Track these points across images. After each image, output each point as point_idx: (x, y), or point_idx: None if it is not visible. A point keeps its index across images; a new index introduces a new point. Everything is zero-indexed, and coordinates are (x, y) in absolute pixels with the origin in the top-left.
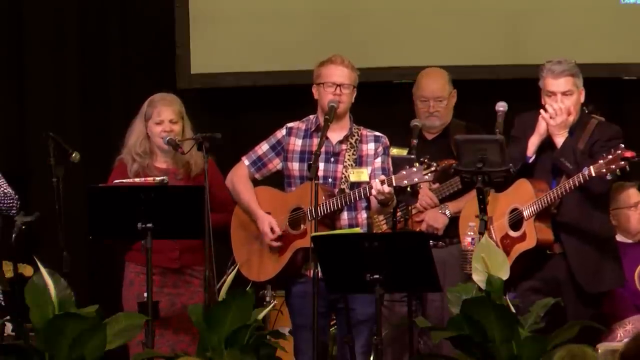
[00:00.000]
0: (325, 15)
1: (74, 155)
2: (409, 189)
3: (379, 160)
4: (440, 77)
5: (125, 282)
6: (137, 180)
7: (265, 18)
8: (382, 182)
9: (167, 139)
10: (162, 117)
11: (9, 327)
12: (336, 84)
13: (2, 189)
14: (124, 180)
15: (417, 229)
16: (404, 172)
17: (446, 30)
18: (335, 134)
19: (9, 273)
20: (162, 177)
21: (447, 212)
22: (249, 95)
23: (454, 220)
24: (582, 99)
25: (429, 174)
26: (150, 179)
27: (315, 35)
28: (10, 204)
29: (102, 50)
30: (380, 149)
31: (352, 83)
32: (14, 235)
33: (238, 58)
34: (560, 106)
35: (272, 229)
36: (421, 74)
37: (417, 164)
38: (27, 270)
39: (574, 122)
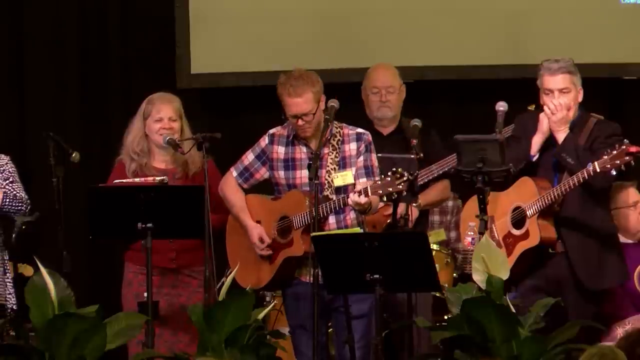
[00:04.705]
0: (325, 15)
1: (74, 155)
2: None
3: (361, 159)
4: (391, 68)
5: (124, 282)
6: (137, 180)
7: (265, 18)
8: (359, 194)
9: (167, 138)
10: (162, 115)
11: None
12: (296, 116)
13: (14, 192)
14: (124, 180)
15: (387, 222)
16: (379, 183)
17: (446, 30)
18: (316, 140)
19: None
20: (162, 177)
21: (416, 205)
22: (249, 95)
23: (423, 213)
24: (581, 98)
25: (402, 184)
26: (150, 179)
27: (315, 35)
28: (19, 207)
29: (102, 50)
30: (362, 147)
31: (311, 109)
32: (14, 235)
33: (238, 58)
34: (560, 102)
35: (261, 239)
36: (370, 68)
37: (390, 174)
38: (27, 270)
39: (574, 119)
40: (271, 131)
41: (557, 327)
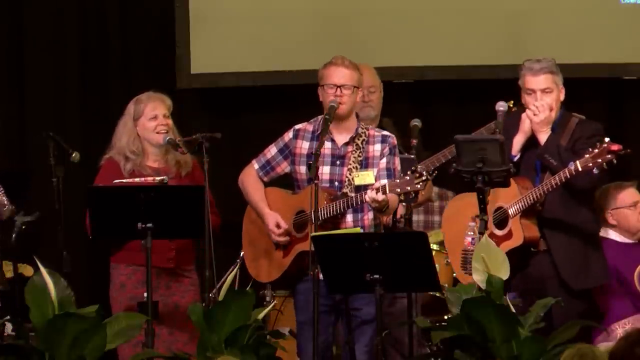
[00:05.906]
0: (325, 15)
1: (74, 155)
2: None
3: (384, 160)
4: (371, 68)
5: (115, 285)
6: (137, 180)
7: (265, 18)
8: (377, 190)
9: (168, 138)
10: (157, 112)
11: (8, 327)
12: (336, 85)
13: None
14: (124, 180)
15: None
16: (398, 181)
17: (446, 30)
18: (341, 136)
19: (9, 273)
20: (162, 177)
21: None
22: (249, 95)
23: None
24: (562, 97)
25: (421, 184)
26: (150, 179)
27: (315, 35)
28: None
29: (102, 49)
30: (386, 150)
31: (353, 84)
32: (14, 235)
33: (238, 58)
34: (542, 103)
35: (277, 225)
36: None
37: (410, 173)
38: (27, 270)
39: (555, 120)
40: (297, 126)
41: (546, 325)
